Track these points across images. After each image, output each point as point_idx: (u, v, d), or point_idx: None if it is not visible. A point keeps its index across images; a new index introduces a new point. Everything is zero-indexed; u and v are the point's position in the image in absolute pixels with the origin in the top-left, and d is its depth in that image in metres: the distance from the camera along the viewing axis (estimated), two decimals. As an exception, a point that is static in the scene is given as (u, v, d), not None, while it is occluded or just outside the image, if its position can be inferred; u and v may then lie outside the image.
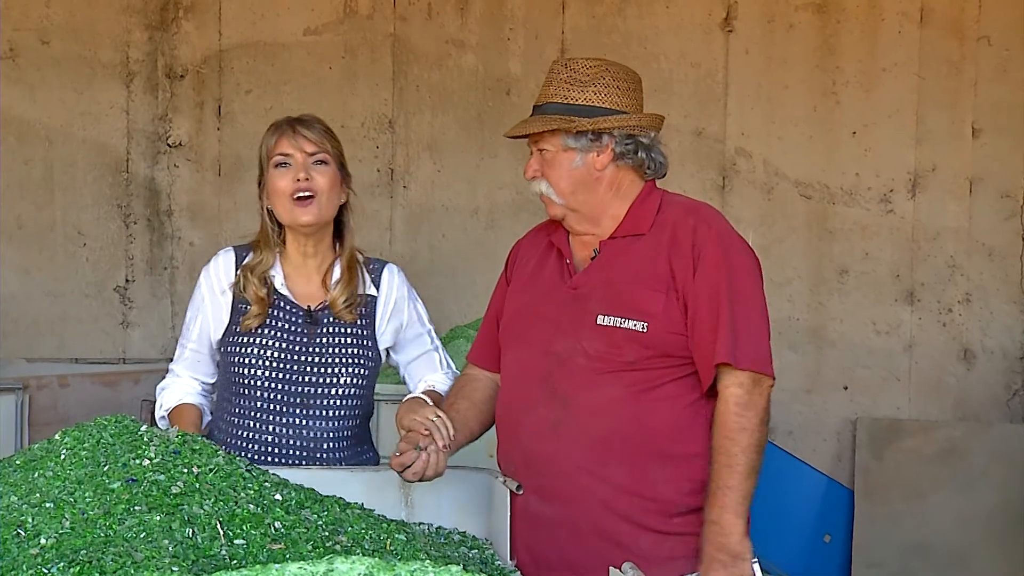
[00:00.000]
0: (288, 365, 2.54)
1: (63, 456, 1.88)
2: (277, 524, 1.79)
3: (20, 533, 1.68)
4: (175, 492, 1.75)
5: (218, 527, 1.71)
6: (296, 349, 2.55)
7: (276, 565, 1.38)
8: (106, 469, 1.80)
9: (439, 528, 2.27)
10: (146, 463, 1.80)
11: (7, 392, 3.72)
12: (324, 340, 2.57)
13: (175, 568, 1.53)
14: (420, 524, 2.25)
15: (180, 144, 5.01)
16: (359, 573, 1.36)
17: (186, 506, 1.73)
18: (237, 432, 2.56)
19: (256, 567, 1.39)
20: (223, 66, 4.98)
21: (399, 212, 4.97)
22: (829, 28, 4.77)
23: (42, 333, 4.98)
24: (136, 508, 1.70)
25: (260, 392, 2.54)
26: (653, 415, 2.25)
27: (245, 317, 2.56)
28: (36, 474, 1.87)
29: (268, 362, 2.54)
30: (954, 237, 4.74)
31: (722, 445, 2.21)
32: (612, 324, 2.25)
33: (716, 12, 4.82)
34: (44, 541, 1.65)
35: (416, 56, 4.94)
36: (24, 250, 4.98)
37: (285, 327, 2.56)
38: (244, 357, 2.55)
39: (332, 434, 2.56)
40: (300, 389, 2.54)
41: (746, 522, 2.20)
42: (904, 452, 4.68)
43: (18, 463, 1.95)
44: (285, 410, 2.54)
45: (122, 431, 1.91)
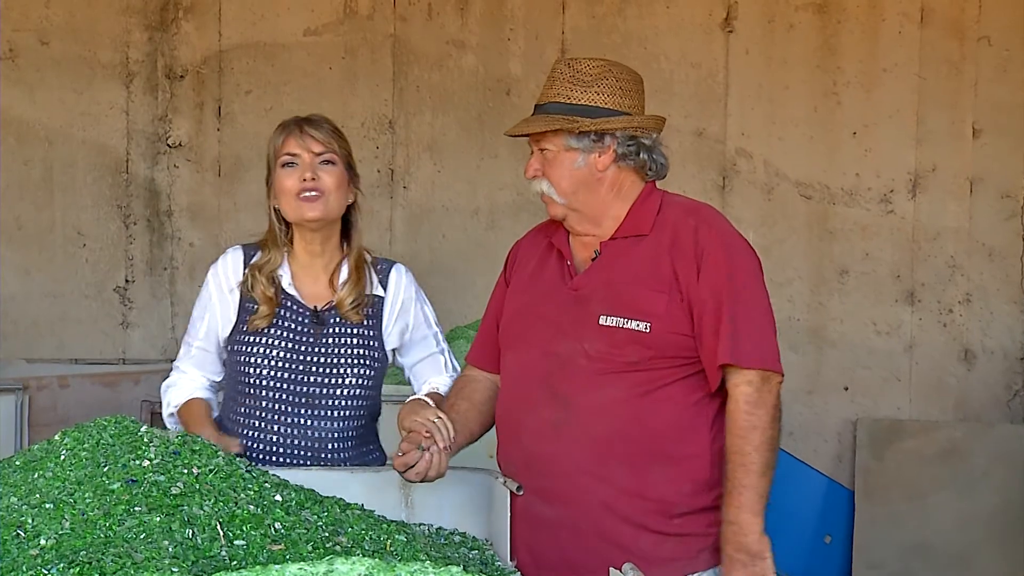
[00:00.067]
0: (294, 365, 2.54)
1: (63, 457, 1.88)
2: (277, 525, 1.79)
3: (20, 534, 1.68)
4: (175, 493, 1.75)
5: (218, 528, 1.71)
6: (302, 349, 2.55)
7: (276, 566, 1.38)
8: (106, 470, 1.80)
9: (439, 529, 2.27)
10: (146, 464, 1.80)
11: (7, 393, 3.72)
12: (330, 340, 2.56)
13: (175, 569, 1.53)
14: (420, 525, 2.25)
15: (180, 144, 5.01)
16: (359, 574, 1.36)
17: (186, 507, 1.72)
18: (243, 431, 2.56)
19: (256, 568, 1.39)
20: (223, 66, 4.98)
21: (399, 212, 4.96)
22: (829, 28, 4.76)
23: (42, 334, 4.97)
24: (136, 509, 1.70)
25: (266, 392, 2.54)
26: (654, 416, 2.24)
27: (253, 317, 2.56)
28: (36, 475, 1.87)
29: (274, 362, 2.53)
30: (954, 237, 4.74)
31: (735, 444, 2.22)
32: (614, 325, 2.25)
33: (716, 12, 4.82)
34: (44, 542, 1.65)
35: (416, 56, 4.93)
36: (24, 251, 4.97)
37: (291, 327, 2.56)
38: (250, 357, 2.55)
39: (338, 434, 2.56)
40: (306, 389, 2.54)
41: (763, 520, 2.20)
42: (905, 453, 4.68)
43: (18, 464, 1.94)
44: (291, 410, 2.54)
45: (122, 432, 1.91)
